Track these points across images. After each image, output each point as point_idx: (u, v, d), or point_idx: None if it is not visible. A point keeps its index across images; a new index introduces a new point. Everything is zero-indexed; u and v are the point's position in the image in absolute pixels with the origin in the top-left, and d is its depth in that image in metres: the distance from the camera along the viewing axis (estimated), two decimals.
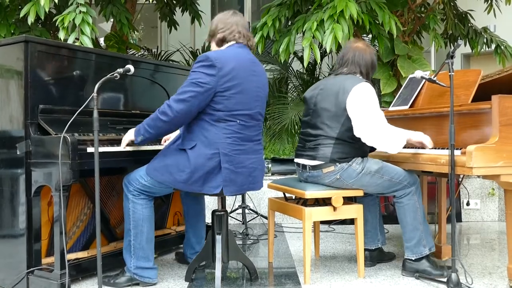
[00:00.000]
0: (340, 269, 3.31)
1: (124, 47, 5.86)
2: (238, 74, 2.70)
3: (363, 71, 3.15)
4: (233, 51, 2.78)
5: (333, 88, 3.08)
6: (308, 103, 3.24)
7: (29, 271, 2.72)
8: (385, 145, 2.95)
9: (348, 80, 3.05)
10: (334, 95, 3.04)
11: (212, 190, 2.71)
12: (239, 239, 4.19)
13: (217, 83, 2.64)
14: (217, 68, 2.64)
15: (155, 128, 2.73)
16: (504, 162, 2.62)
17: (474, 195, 4.89)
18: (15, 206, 2.77)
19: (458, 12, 6.30)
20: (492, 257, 3.59)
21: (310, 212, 3.00)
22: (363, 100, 2.96)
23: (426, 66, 5.29)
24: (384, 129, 2.95)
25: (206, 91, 2.63)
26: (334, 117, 3.02)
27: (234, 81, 2.68)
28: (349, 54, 3.18)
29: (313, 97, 3.20)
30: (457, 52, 2.79)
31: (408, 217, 3.08)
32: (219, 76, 2.64)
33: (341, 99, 3.00)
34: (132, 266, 2.89)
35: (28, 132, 2.71)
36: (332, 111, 3.03)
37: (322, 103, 3.10)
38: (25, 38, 2.71)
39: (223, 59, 2.68)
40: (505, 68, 3.19)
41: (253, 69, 2.81)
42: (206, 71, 2.65)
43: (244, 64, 2.76)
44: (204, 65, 2.66)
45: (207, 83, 2.63)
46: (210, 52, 2.74)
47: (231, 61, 2.69)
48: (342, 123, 3.00)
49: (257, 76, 2.83)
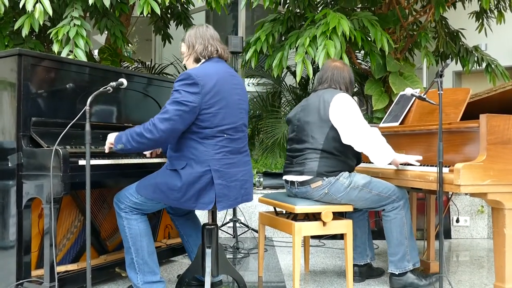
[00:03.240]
0: (329, 284, 3.33)
1: (118, 60, 5.89)
2: (221, 89, 2.70)
3: (342, 88, 3.23)
4: (213, 67, 2.77)
5: (315, 102, 3.15)
6: (292, 120, 3.30)
7: (18, 283, 2.71)
8: (373, 149, 3.00)
9: (327, 93, 3.14)
10: (316, 108, 3.12)
11: (205, 206, 2.70)
12: (229, 252, 4.20)
13: (202, 101, 2.63)
14: (200, 85, 2.62)
15: (138, 143, 2.68)
16: (492, 180, 2.66)
17: (463, 212, 4.93)
18: (5, 218, 2.77)
19: (449, 30, 6.38)
20: (481, 274, 3.62)
21: (300, 227, 3.03)
22: (344, 108, 3.04)
23: (418, 83, 5.34)
24: (369, 133, 3.01)
25: (191, 109, 2.61)
26: (319, 128, 3.08)
27: (217, 97, 2.68)
28: (328, 73, 3.27)
29: (296, 114, 3.28)
30: (448, 69, 2.85)
31: (394, 231, 3.11)
32: (203, 93, 2.63)
33: (323, 111, 3.07)
34: (139, 282, 2.86)
35: (20, 144, 2.72)
36: (316, 123, 3.09)
37: (306, 117, 3.16)
38: (18, 51, 2.73)
39: (205, 76, 2.66)
40: (494, 87, 3.24)
41: (234, 83, 2.82)
42: (190, 89, 2.62)
43: (225, 78, 2.75)
44: (187, 83, 2.63)
45: (192, 102, 2.61)
46: (191, 70, 2.71)
47: (212, 77, 2.69)
48: (327, 134, 3.06)
49: (238, 89, 2.84)
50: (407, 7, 5.74)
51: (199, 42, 2.82)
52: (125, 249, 2.89)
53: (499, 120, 2.70)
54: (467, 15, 6.53)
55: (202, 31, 2.86)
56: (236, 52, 4.76)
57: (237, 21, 8.36)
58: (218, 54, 2.85)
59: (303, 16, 5.47)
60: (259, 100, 6.98)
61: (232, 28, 8.56)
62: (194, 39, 2.85)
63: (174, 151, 2.78)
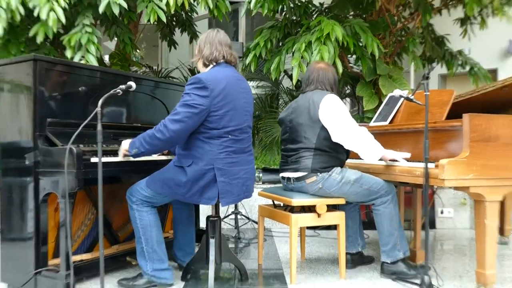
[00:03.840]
0: (324, 271, 3.35)
1: (127, 65, 5.89)
2: (229, 93, 2.71)
3: (327, 88, 3.23)
4: (221, 72, 2.77)
5: (304, 104, 3.15)
6: (284, 122, 3.30)
7: (36, 271, 2.73)
8: (362, 144, 3.00)
9: (316, 94, 3.14)
10: (306, 110, 3.12)
11: (209, 201, 2.73)
12: (231, 242, 4.22)
13: (211, 104, 2.64)
14: (210, 89, 2.63)
15: (151, 145, 2.69)
16: (474, 175, 2.67)
17: (448, 204, 4.94)
18: (24, 211, 2.79)
19: (435, 36, 6.39)
20: (463, 261, 3.64)
21: (297, 218, 3.04)
22: (333, 109, 3.04)
23: (406, 85, 5.35)
24: (357, 131, 3.01)
25: (201, 111, 2.62)
26: (310, 129, 3.08)
27: (225, 100, 2.68)
28: (314, 74, 3.28)
29: (287, 116, 3.27)
30: (434, 72, 2.86)
31: (385, 224, 3.12)
32: (212, 97, 2.64)
33: (313, 113, 3.07)
34: (149, 269, 2.89)
35: (37, 143, 2.73)
36: (308, 124, 3.09)
37: (297, 119, 3.16)
38: (34, 56, 2.74)
39: (214, 80, 2.67)
40: (477, 88, 3.26)
41: (241, 87, 2.83)
42: (200, 93, 2.63)
43: (232, 83, 2.76)
44: (197, 87, 2.64)
45: (202, 105, 2.62)
46: (201, 74, 2.71)
47: (221, 82, 2.69)
48: (318, 133, 3.06)
49: (244, 93, 2.84)
50: (396, 14, 5.74)
51: (207, 47, 2.83)
52: (136, 239, 2.91)
53: (481, 119, 2.71)
54: (452, 22, 6.54)
55: (211, 37, 2.85)
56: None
57: (237, 28, 8.36)
58: (224, 60, 2.84)
59: (299, 23, 5.48)
60: (258, 102, 6.99)
61: (233, 35, 8.56)
62: (204, 44, 2.85)
63: (182, 149, 2.80)
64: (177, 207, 3.24)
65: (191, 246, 3.29)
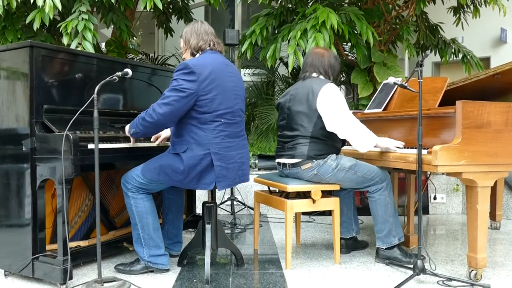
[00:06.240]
0: (319, 256, 3.35)
1: (123, 52, 5.85)
2: (216, 76, 2.71)
3: (322, 72, 3.20)
4: (208, 57, 2.79)
5: (303, 92, 3.12)
6: (282, 108, 3.27)
7: (34, 257, 2.71)
8: (355, 135, 2.98)
9: (315, 83, 3.10)
10: (304, 98, 3.09)
11: (206, 186, 2.72)
12: (227, 228, 4.21)
13: (199, 87, 2.65)
14: (197, 74, 2.64)
15: (143, 127, 2.74)
16: (466, 161, 2.67)
17: (440, 190, 4.95)
18: (21, 198, 2.76)
19: (429, 24, 6.36)
20: (455, 246, 3.65)
21: (292, 204, 3.04)
22: (330, 99, 3.01)
23: (400, 73, 5.34)
24: (352, 121, 2.99)
25: (188, 95, 2.63)
26: (307, 117, 3.06)
27: (213, 84, 2.69)
28: (308, 59, 3.26)
29: (286, 102, 3.24)
30: (428, 60, 2.85)
31: (380, 210, 3.12)
32: (200, 81, 2.65)
33: (311, 101, 3.05)
34: (145, 255, 2.89)
35: (33, 130, 2.70)
36: (305, 112, 3.07)
37: (295, 106, 3.14)
38: (30, 43, 2.70)
39: (201, 65, 2.68)
40: (469, 76, 3.24)
41: (228, 71, 2.83)
42: (187, 77, 2.64)
43: (219, 66, 2.77)
44: (185, 72, 2.66)
45: (189, 89, 2.63)
46: (189, 60, 2.74)
47: (208, 66, 2.70)
48: (315, 122, 3.04)
49: (233, 77, 2.84)
50: (390, 3, 5.70)
51: (194, 37, 2.86)
52: (132, 225, 2.90)
53: (474, 106, 2.70)
54: (445, 10, 6.51)
55: (197, 27, 2.88)
56: (232, 44, 4.72)
57: (233, 15, 8.30)
58: (211, 48, 2.86)
59: (295, 10, 5.44)
60: (254, 89, 6.97)
61: (229, 22, 8.50)
62: (190, 35, 2.88)
63: (176, 136, 2.79)
64: (168, 197, 3.23)
65: (179, 235, 3.28)
